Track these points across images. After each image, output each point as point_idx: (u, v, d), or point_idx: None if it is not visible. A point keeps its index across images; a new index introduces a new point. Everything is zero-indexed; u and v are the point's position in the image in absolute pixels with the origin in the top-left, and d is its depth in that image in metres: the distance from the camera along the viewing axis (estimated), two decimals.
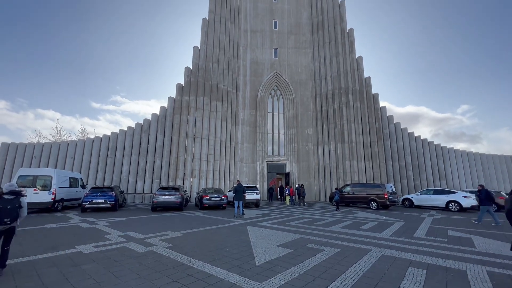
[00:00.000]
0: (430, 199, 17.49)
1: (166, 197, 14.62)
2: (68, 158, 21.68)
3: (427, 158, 25.42)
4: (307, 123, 26.27)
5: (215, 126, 23.68)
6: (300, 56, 27.04)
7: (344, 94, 25.02)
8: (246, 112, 25.74)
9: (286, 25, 27.27)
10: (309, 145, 26.02)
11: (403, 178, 24.45)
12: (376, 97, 25.11)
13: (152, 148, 22.20)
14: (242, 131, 25.44)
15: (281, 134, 26.66)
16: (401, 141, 25.19)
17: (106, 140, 22.23)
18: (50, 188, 13.44)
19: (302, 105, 26.44)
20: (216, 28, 24.73)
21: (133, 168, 21.75)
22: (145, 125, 22.52)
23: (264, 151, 25.67)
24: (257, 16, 27.08)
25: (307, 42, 27.24)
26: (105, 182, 21.25)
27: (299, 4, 27.70)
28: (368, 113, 24.74)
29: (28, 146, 21.83)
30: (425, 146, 25.77)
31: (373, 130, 24.34)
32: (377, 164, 23.72)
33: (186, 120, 22.66)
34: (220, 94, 24.32)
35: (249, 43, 26.61)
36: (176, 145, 22.16)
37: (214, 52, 24.36)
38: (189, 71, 23.40)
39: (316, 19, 27.22)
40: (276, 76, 26.55)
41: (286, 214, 13.44)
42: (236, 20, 26.38)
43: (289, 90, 26.43)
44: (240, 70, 26.10)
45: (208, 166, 23.02)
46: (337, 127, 24.91)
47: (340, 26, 25.90)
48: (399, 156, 24.90)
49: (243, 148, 25.27)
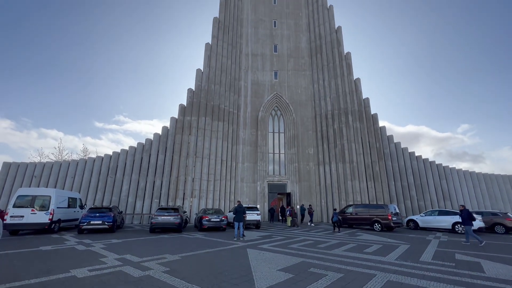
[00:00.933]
0: (436, 220, 17.06)
1: (165, 218, 14.34)
2: (69, 177, 21.62)
3: (430, 178, 25.16)
4: (307, 143, 26.41)
5: (216, 146, 23.82)
6: (300, 78, 27.87)
7: (343, 115, 25.41)
8: (247, 132, 26.02)
9: (285, 49, 28.44)
10: (310, 164, 25.95)
11: (406, 199, 24.03)
12: (375, 117, 25.45)
13: (152, 167, 22.18)
14: (243, 150, 25.53)
15: (281, 154, 26.70)
16: (402, 160, 25.11)
17: (107, 159, 22.29)
18: (48, 208, 13.27)
19: (303, 125, 26.76)
20: (219, 52, 25.80)
21: (133, 188, 21.57)
22: (147, 145, 22.70)
23: (265, 171, 25.56)
24: (258, 41, 28.36)
25: (306, 65, 28.22)
26: (104, 202, 20.99)
27: (297, 29, 29.11)
28: (368, 133, 24.93)
29: (30, 165, 21.87)
30: (427, 166, 25.62)
31: (373, 150, 24.38)
32: (379, 184, 23.45)
33: (187, 140, 22.86)
34: (221, 114, 24.77)
35: (250, 65, 27.59)
36: (176, 164, 22.15)
37: (216, 74, 25.19)
38: (191, 92, 24.03)
39: (314, 44, 28.43)
40: (277, 97, 27.18)
41: (287, 236, 13.07)
42: (238, 44, 27.59)
43: (289, 111, 26.90)
44: (241, 91, 26.80)
45: (209, 186, 22.81)
46: (338, 146, 25.00)
47: (338, 50, 26.97)
48: (401, 176, 24.68)
49: (243, 167, 25.20)
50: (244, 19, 28.55)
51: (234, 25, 27.54)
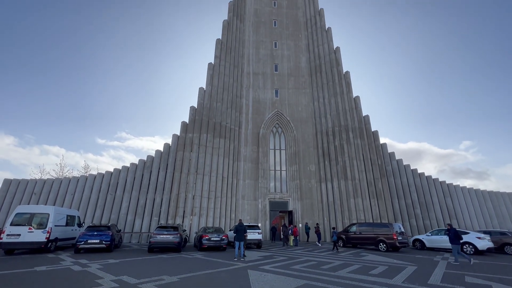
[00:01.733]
0: (442, 240, 16.53)
1: (164, 236, 14.02)
2: (68, 194, 21.46)
3: (434, 195, 24.72)
4: (309, 160, 26.33)
5: (217, 163, 23.79)
6: (300, 96, 28.38)
7: (344, 132, 25.55)
8: (248, 148, 26.08)
9: (286, 68, 29.24)
10: (311, 181, 25.69)
11: (411, 217, 23.47)
12: (376, 134, 25.54)
13: (153, 184, 22.03)
14: (244, 167, 25.44)
15: (283, 171, 26.55)
16: (405, 178, 24.83)
17: (108, 176, 22.22)
18: (45, 226, 13.04)
19: (304, 142, 26.84)
20: (221, 71, 26.55)
21: (133, 205, 21.30)
22: (148, 162, 22.71)
23: (266, 188, 25.28)
24: (259, 61, 29.26)
25: (306, 83, 28.86)
26: (102, 220, 20.63)
27: (297, 50, 30.11)
28: (369, 150, 24.91)
29: (30, 182, 21.81)
30: (430, 183, 25.28)
31: (375, 167, 24.22)
32: (382, 202, 23.03)
33: (188, 156, 22.90)
34: (223, 131, 24.98)
35: (252, 84, 28.25)
36: (177, 181, 22.01)
37: (218, 92, 25.74)
38: (193, 110, 24.43)
39: (314, 63, 29.27)
40: (278, 115, 27.52)
41: (290, 257, 12.66)
42: (239, 64, 28.45)
43: (290, 128, 27.12)
44: (242, 108, 27.22)
45: (209, 203, 22.49)
46: (339, 163, 24.88)
47: (337, 69, 27.69)
48: (405, 193, 24.29)
49: (245, 184, 24.97)
50: (246, 40, 29.66)
51: (236, 46, 28.57)
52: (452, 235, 11.17)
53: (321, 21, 29.97)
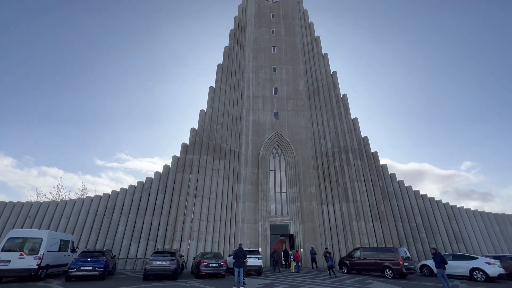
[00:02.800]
0: (451, 266, 15.80)
1: (160, 262, 13.45)
2: (64, 218, 20.94)
3: (439, 218, 24.15)
4: (309, 181, 26.08)
5: (216, 184, 23.53)
6: (299, 118, 28.87)
7: (344, 153, 25.61)
8: (248, 170, 25.95)
9: (285, 91, 30.08)
10: (312, 204, 25.21)
11: (416, 241, 22.70)
12: (376, 156, 25.58)
13: (151, 207, 21.60)
14: (244, 189, 25.12)
15: (283, 193, 26.18)
16: (407, 200, 24.43)
17: (105, 199, 21.86)
18: (38, 252, 12.56)
19: (304, 163, 26.78)
20: (222, 94, 27.27)
21: (129, 229, 20.69)
22: (147, 184, 22.47)
23: (266, 211, 24.74)
24: (258, 84, 30.21)
25: (305, 106, 29.51)
26: (97, 245, 19.91)
27: (295, 74, 31.21)
28: (370, 171, 24.78)
29: (26, 205, 21.39)
30: (434, 205, 24.82)
31: (377, 188, 23.93)
32: (386, 225, 22.44)
33: (188, 178, 22.70)
34: (223, 152, 25.04)
35: (252, 106, 28.87)
36: (176, 204, 21.61)
37: (219, 114, 26.22)
38: (194, 132, 24.70)
39: (312, 86, 30.18)
40: (277, 136, 27.78)
41: (292, 285, 12.05)
42: (239, 87, 29.32)
43: (290, 149, 27.23)
44: (242, 130, 27.54)
45: (208, 226, 21.87)
46: (340, 185, 24.62)
47: (334, 92, 28.47)
48: (408, 216, 23.73)
49: (244, 207, 24.47)
50: (246, 65, 30.85)
51: (236, 71, 29.65)
52: (439, 259, 11.15)
53: (317, 47, 31.41)
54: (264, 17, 33.93)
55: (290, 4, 35.22)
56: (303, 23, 33.60)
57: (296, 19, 34.22)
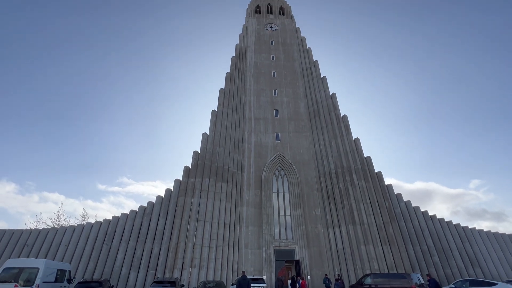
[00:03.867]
0: None
1: None
2: (62, 245, 20.42)
3: (451, 240, 23.11)
4: (313, 203, 25.51)
5: (219, 208, 23.09)
6: (301, 139, 29.03)
7: (347, 173, 25.33)
8: (251, 192, 25.58)
9: (286, 113, 30.61)
10: (318, 227, 24.41)
11: (429, 266, 21.53)
12: (380, 175, 25.23)
13: (152, 233, 21.06)
14: (247, 212, 24.56)
15: (287, 215, 25.50)
16: (416, 221, 23.61)
17: (105, 225, 21.45)
18: (33, 283, 12.08)
19: (307, 185, 26.40)
20: (224, 117, 27.79)
21: (129, 257, 20.01)
22: (148, 208, 22.14)
23: (270, 235, 23.93)
24: (260, 107, 30.87)
25: (306, 127, 29.82)
26: (95, 274, 19.15)
27: (296, 96, 31.97)
28: (375, 192, 24.28)
29: (24, 232, 21.02)
30: (444, 226, 23.91)
31: (383, 209, 23.28)
32: (395, 248, 21.46)
33: (190, 202, 22.37)
34: (225, 175, 24.90)
35: (253, 128, 29.24)
36: (177, 229, 21.06)
37: (221, 137, 26.50)
38: (197, 155, 24.81)
39: (312, 108, 30.73)
40: (279, 157, 27.74)
41: None
42: (241, 110, 29.95)
43: (293, 170, 27.03)
44: (245, 152, 27.62)
45: (210, 253, 21.07)
46: (345, 207, 24.01)
47: (335, 114, 28.89)
48: (419, 239, 22.78)
49: (248, 231, 23.74)
50: (247, 89, 31.78)
51: (238, 94, 30.50)
52: (433, 285, 10.55)
53: (316, 71, 32.49)
54: (264, 44, 35.62)
55: (288, 32, 37.13)
56: (301, 49, 35.12)
57: (295, 45, 35.84)
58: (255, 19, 37.97)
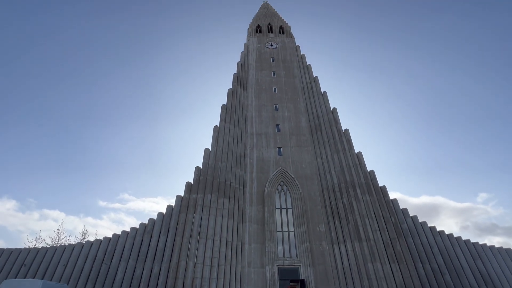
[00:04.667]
0: None
1: None
2: (60, 265, 19.94)
3: (461, 257, 22.21)
4: (317, 219, 24.94)
5: (221, 225, 22.65)
6: (303, 153, 28.94)
7: (351, 188, 24.95)
8: (254, 208, 25.17)
9: (287, 128, 30.78)
10: (323, 244, 23.69)
11: (441, 285, 20.56)
12: (384, 190, 24.82)
13: (152, 251, 20.57)
14: (249, 229, 24.02)
15: (291, 232, 24.88)
16: (424, 237, 22.85)
17: (105, 243, 21.04)
18: None
19: (310, 200, 25.97)
20: (226, 133, 27.99)
21: (128, 277, 19.43)
22: (149, 226, 21.80)
23: (274, 253, 23.22)
24: (261, 122, 31.13)
25: (308, 141, 29.83)
26: None
27: (297, 111, 32.29)
28: (380, 207, 23.77)
29: (23, 252, 20.67)
30: (453, 242, 23.07)
31: (389, 225, 22.66)
32: (404, 266, 20.63)
33: (191, 219, 22.02)
34: (227, 191, 24.66)
35: (255, 143, 29.31)
36: (178, 247, 20.57)
37: (223, 152, 26.54)
38: (199, 170, 24.75)
39: (313, 123, 30.90)
40: (282, 172, 27.54)
41: None
42: (243, 126, 30.20)
43: (296, 185, 26.71)
44: (247, 167, 27.50)
45: (212, 272, 20.40)
46: (350, 222, 23.42)
47: (336, 128, 28.98)
48: (428, 256, 21.93)
49: (250, 249, 23.09)
50: (249, 105, 32.23)
51: (239, 110, 30.89)
52: None
53: (316, 86, 33.03)
54: (265, 62, 36.57)
55: (288, 50, 38.22)
56: (301, 66, 35.96)
57: (295, 62, 36.75)
58: (256, 38, 39.29)
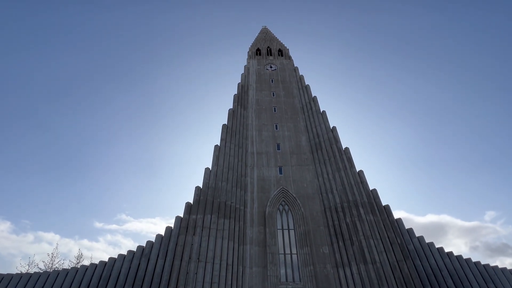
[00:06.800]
0: None
1: None
2: None
3: (473, 281, 21.17)
4: (320, 240, 24.17)
5: (221, 247, 21.91)
6: (304, 172, 28.77)
7: (354, 207, 24.49)
8: (255, 229, 24.51)
9: (287, 147, 30.89)
10: (327, 267, 22.75)
11: None
12: (388, 209, 24.33)
13: (149, 276, 19.69)
14: (250, 251, 23.20)
15: (293, 254, 23.98)
16: (432, 259, 21.98)
17: (100, 267, 20.21)
18: None
19: (313, 220, 25.37)
20: (226, 152, 28.06)
21: None
22: (147, 249, 21.08)
23: (276, 277, 22.22)
24: (262, 141, 31.33)
25: (309, 160, 29.78)
26: None
27: (297, 130, 32.61)
28: (384, 227, 23.15)
29: (15, 277, 19.80)
30: (463, 264, 22.13)
31: (395, 246, 21.91)
32: None
33: (191, 241, 21.36)
34: (228, 211, 24.18)
35: (256, 163, 29.25)
36: (176, 271, 19.73)
37: (224, 172, 26.41)
38: (199, 190, 24.46)
39: (313, 141, 31.08)
40: (283, 192, 27.18)
41: None
42: (243, 145, 30.35)
43: (297, 205, 26.24)
44: (247, 187, 27.21)
45: None
46: (355, 243, 22.67)
47: (336, 146, 29.09)
48: (438, 279, 20.94)
49: (251, 273, 22.13)
50: (249, 125, 32.64)
51: (240, 130, 31.23)
52: None
53: (315, 106, 33.67)
54: (265, 82, 37.65)
55: (287, 71, 39.52)
56: (300, 86, 36.95)
57: (294, 83, 37.81)
58: (255, 60, 40.80)
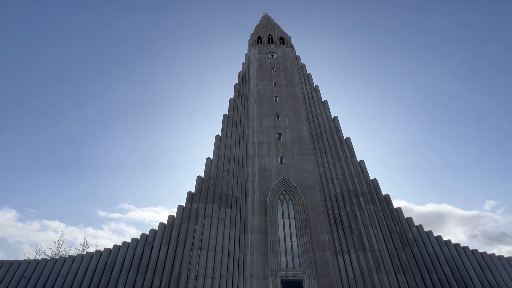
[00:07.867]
0: None
1: None
2: (60, 278, 19.64)
3: (470, 268, 21.62)
4: (320, 229, 24.58)
5: (223, 235, 22.36)
6: (305, 162, 28.86)
7: (354, 197, 24.71)
8: (256, 218, 24.90)
9: (289, 137, 30.84)
10: (326, 254, 23.24)
11: None
12: (388, 198, 24.54)
13: (153, 263, 20.26)
14: (251, 239, 23.68)
15: (294, 242, 24.47)
16: (430, 247, 22.37)
17: (106, 254, 20.78)
18: None
19: (313, 209, 25.69)
20: (227, 142, 28.08)
21: None
22: (150, 236, 21.56)
23: (276, 263, 22.78)
24: (263, 131, 31.25)
25: (310, 150, 29.80)
26: None
27: (298, 120, 32.44)
28: (384, 216, 23.44)
29: (23, 264, 20.42)
30: (461, 252, 22.53)
31: (394, 235, 22.26)
32: (410, 277, 20.11)
33: (193, 229, 21.78)
34: (229, 200, 24.49)
35: (257, 153, 29.31)
36: (179, 259, 20.26)
37: (225, 162, 26.54)
38: (200, 180, 24.69)
39: (315, 131, 30.97)
40: (284, 181, 27.39)
41: None
42: (245, 135, 30.32)
43: (298, 194, 26.50)
44: (249, 176, 27.40)
45: (213, 284, 19.99)
46: (354, 232, 23.04)
47: (337, 136, 29.01)
48: (435, 266, 21.39)
49: (253, 260, 22.68)
50: (250, 114, 32.47)
51: (241, 119, 31.10)
52: None
53: (317, 95, 33.30)
54: (266, 72, 37.10)
55: (289, 60, 38.83)
56: (302, 75, 36.41)
57: (295, 72, 37.25)
58: (256, 48, 40.05)
